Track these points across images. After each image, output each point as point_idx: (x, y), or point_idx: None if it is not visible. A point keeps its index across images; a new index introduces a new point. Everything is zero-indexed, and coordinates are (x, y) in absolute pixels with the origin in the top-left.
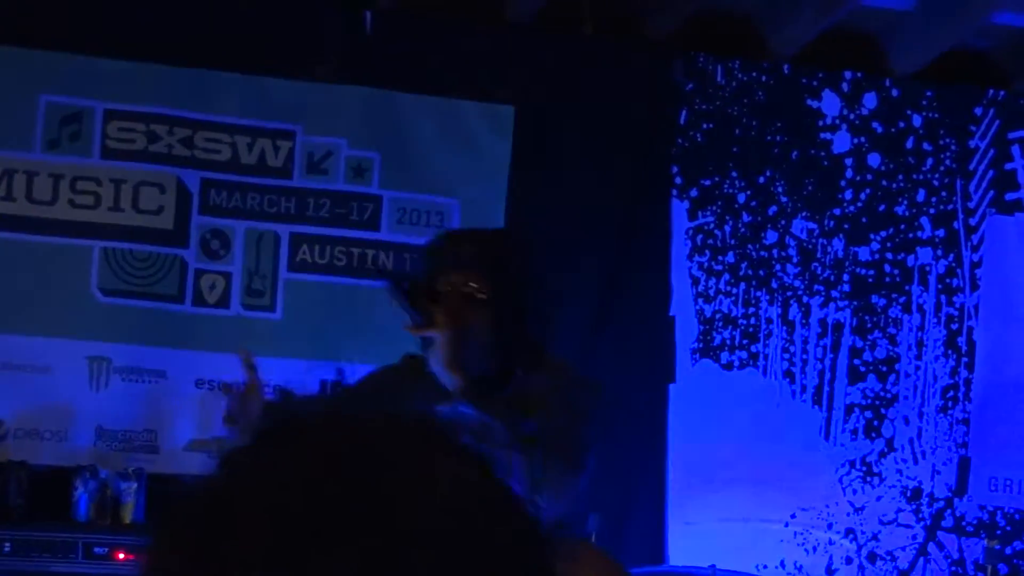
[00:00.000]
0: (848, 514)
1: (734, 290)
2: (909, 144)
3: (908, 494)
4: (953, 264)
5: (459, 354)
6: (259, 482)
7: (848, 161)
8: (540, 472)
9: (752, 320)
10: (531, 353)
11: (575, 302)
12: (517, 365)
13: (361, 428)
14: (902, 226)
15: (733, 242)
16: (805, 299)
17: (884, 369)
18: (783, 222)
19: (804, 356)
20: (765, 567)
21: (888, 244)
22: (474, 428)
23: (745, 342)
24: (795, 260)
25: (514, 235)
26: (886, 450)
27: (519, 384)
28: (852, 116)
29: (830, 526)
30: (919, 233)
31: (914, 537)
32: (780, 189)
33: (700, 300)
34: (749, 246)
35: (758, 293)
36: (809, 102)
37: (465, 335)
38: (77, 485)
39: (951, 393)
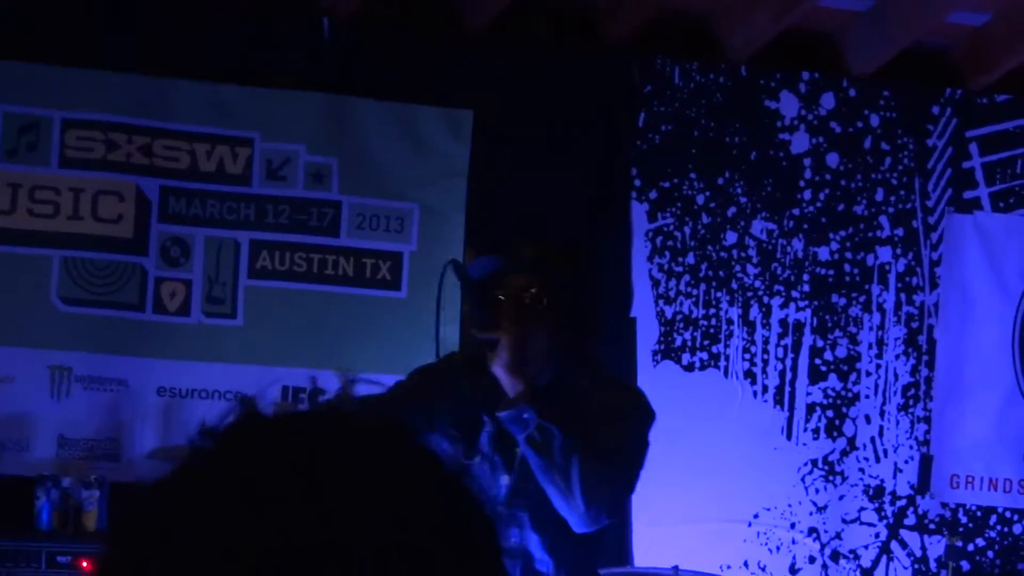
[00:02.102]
0: (811, 513)
1: (694, 291)
2: (867, 144)
3: (870, 492)
4: (912, 263)
5: (523, 358)
6: (205, 485)
7: (807, 161)
8: (596, 483)
9: (713, 321)
10: (585, 362)
11: None
12: (571, 374)
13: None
14: (861, 225)
15: (693, 243)
16: (765, 299)
17: (845, 368)
18: (742, 223)
19: (765, 356)
20: (728, 567)
21: (847, 243)
22: (533, 430)
23: (706, 343)
24: (755, 260)
25: (570, 244)
26: (848, 449)
27: (576, 393)
28: (810, 116)
29: (793, 525)
30: (878, 232)
31: (877, 535)
32: (739, 190)
33: (661, 302)
34: (709, 247)
35: (718, 294)
36: (767, 103)
37: (527, 340)
38: (39, 494)
39: (912, 391)
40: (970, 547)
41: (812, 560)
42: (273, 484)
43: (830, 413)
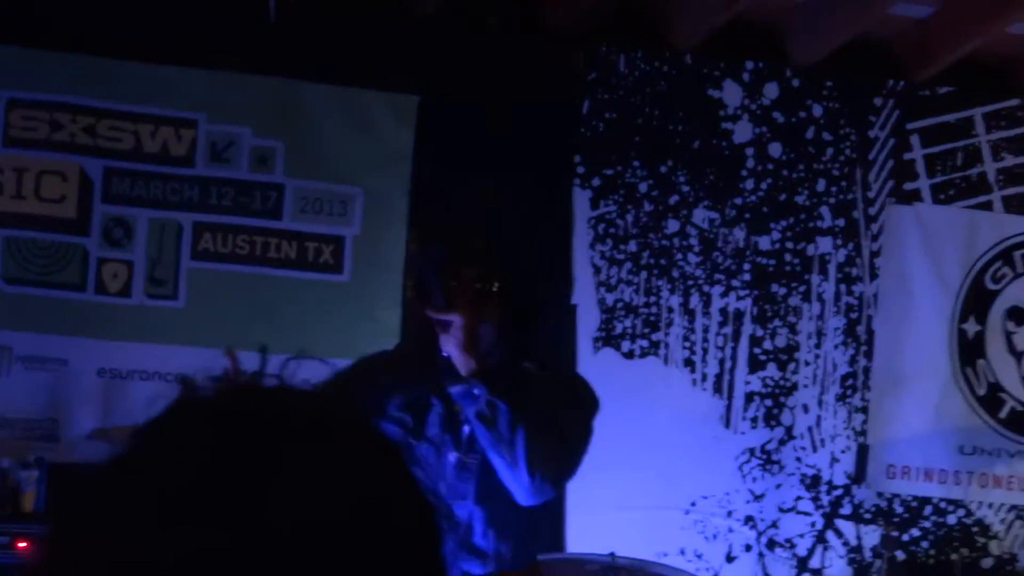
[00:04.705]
0: (748, 501)
1: (635, 279)
2: (809, 134)
3: (807, 482)
4: (852, 253)
5: (475, 339)
6: (146, 463)
7: (749, 151)
8: (541, 455)
9: (653, 309)
10: (531, 351)
11: None
12: (518, 361)
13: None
14: (802, 215)
15: (635, 231)
16: (706, 288)
17: (784, 358)
18: (685, 211)
19: (705, 345)
20: (665, 554)
21: (788, 233)
22: (482, 406)
23: (646, 331)
24: (696, 249)
25: (526, 233)
26: (786, 438)
27: (523, 378)
28: (753, 106)
29: (730, 514)
30: (819, 222)
31: (813, 524)
32: (682, 179)
33: (602, 289)
34: (651, 235)
35: (659, 282)
36: (711, 92)
37: (480, 322)
38: None
39: (850, 381)
40: (905, 537)
41: (748, 548)
42: (199, 478)
43: (768, 402)
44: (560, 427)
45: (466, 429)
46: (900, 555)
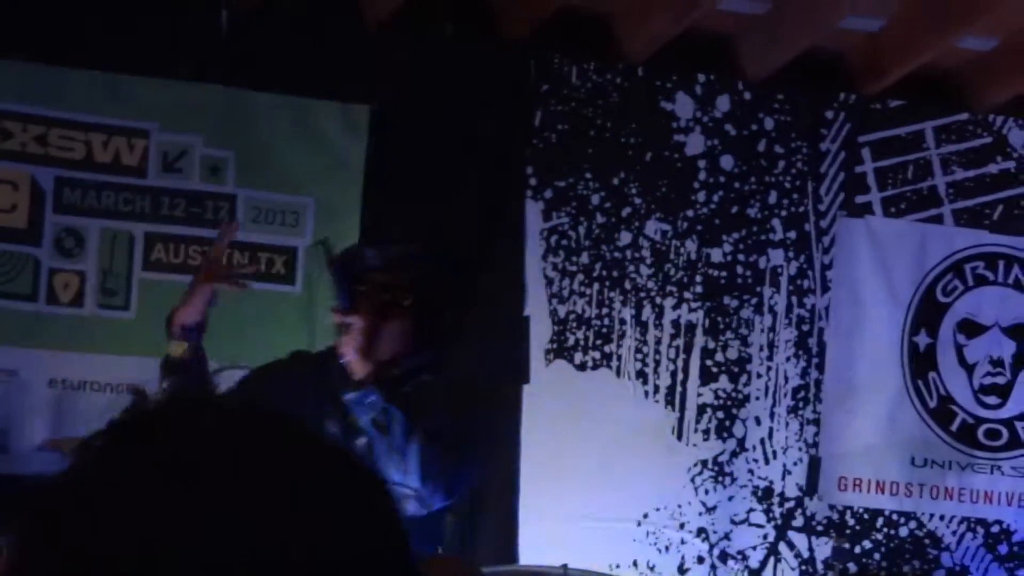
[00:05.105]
0: (700, 513)
1: (588, 291)
2: (761, 147)
3: (759, 494)
4: (804, 266)
5: (371, 344)
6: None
7: (701, 163)
8: (435, 463)
9: (606, 321)
10: (439, 363)
11: None
12: (423, 369)
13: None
14: (754, 228)
15: (587, 243)
16: (658, 300)
17: (736, 370)
18: (637, 223)
19: (657, 357)
20: (618, 566)
21: (740, 246)
22: (377, 413)
23: (599, 343)
24: (648, 261)
25: (448, 247)
26: (738, 450)
27: (421, 382)
28: (705, 119)
29: (682, 526)
30: (771, 235)
31: (765, 536)
32: (634, 191)
33: (554, 300)
34: (603, 247)
35: (612, 294)
36: (663, 104)
37: (381, 330)
38: None
39: (802, 394)
40: (857, 549)
41: (701, 560)
42: (148, 489)
43: (720, 414)
44: (457, 437)
45: (362, 440)
46: (852, 567)
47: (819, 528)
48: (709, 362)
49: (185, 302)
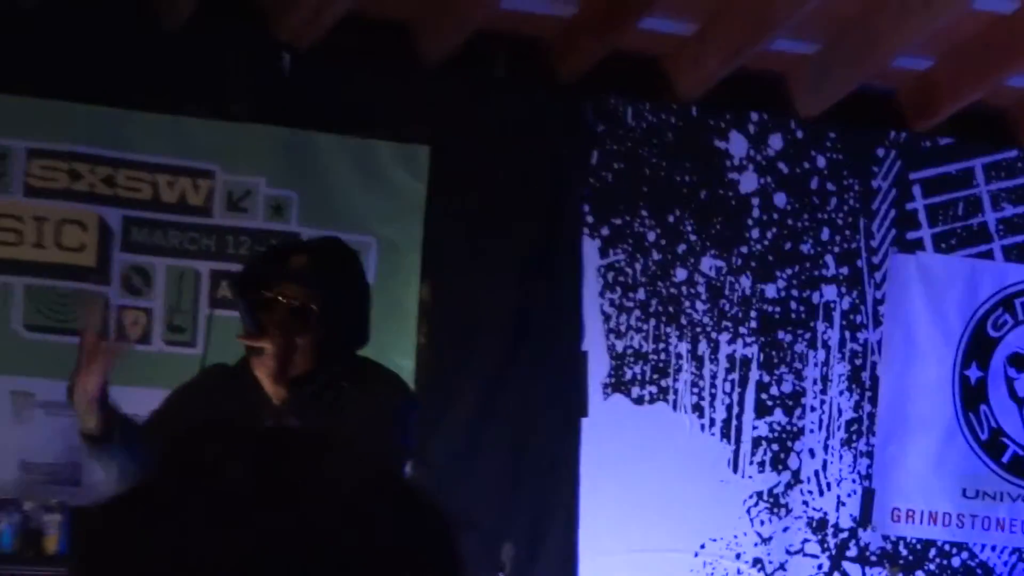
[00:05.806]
0: (756, 544)
1: (644, 326)
2: (814, 184)
3: (814, 525)
4: (857, 301)
5: (285, 367)
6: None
7: (755, 201)
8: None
9: (662, 355)
10: (353, 370)
11: (490, 337)
12: (342, 377)
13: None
14: (807, 264)
15: (643, 279)
16: (714, 335)
17: (790, 403)
18: (692, 260)
19: (712, 391)
20: None
21: (794, 281)
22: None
23: (655, 377)
24: (704, 297)
25: (343, 246)
26: (792, 482)
27: (342, 399)
28: (758, 157)
29: (738, 556)
30: (823, 271)
31: (820, 567)
32: (689, 228)
33: (611, 336)
34: (659, 283)
35: (668, 329)
36: (716, 143)
37: (292, 348)
38: (1, 518)
39: (855, 426)
40: None
41: None
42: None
43: (775, 447)
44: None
45: None
46: None
47: (873, 558)
48: (764, 396)
49: (87, 371)
